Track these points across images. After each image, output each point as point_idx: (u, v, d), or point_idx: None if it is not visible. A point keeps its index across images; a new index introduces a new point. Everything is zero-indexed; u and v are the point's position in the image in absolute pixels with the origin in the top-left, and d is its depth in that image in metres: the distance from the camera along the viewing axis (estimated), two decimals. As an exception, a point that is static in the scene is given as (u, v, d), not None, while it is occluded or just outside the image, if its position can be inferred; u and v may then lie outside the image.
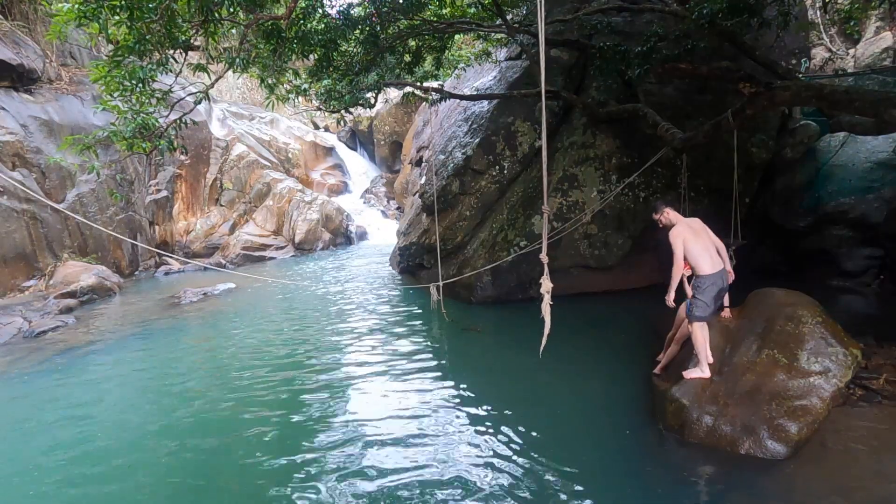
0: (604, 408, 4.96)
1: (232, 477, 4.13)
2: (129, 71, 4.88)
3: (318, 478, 3.97)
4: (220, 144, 16.29)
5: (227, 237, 15.26)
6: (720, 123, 5.42)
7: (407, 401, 5.25)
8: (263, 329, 8.17)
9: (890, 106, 3.87)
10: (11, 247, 10.15)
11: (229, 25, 5.55)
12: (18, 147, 10.49)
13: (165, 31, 4.73)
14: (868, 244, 7.83)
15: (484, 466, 4.03)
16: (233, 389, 5.78)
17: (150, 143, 5.38)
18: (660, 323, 5.72)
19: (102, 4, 4.34)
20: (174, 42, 4.99)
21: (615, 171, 8.18)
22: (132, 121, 5.15)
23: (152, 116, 5.27)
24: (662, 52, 6.62)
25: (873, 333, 5.19)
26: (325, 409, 5.21)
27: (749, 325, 4.59)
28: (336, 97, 7.78)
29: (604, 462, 4.08)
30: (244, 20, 5.39)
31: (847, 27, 12.52)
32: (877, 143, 8.07)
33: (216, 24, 5.04)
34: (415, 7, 7.04)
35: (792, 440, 3.77)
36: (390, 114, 20.41)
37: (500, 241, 8.36)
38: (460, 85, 11.41)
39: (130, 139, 5.20)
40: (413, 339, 7.17)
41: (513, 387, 5.57)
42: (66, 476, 4.25)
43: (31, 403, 5.74)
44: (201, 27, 4.98)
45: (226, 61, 5.62)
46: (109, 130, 5.22)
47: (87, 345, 7.67)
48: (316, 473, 4.03)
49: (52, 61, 12.37)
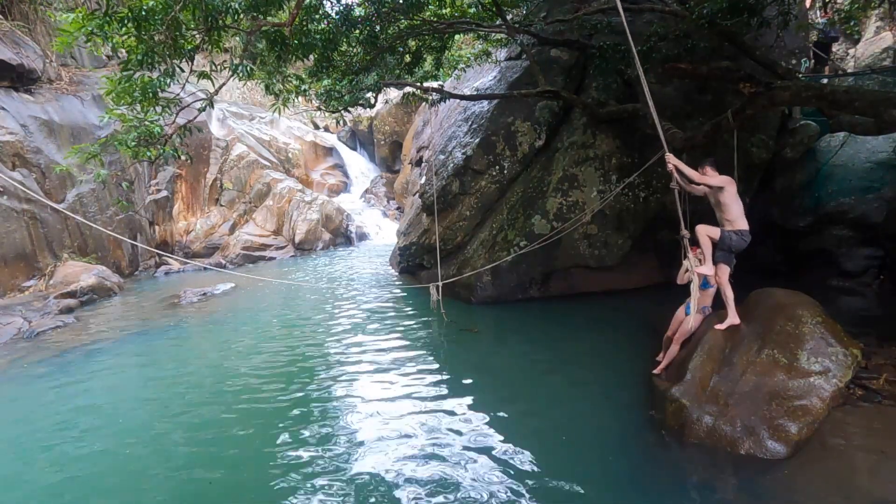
0: (604, 408, 4.95)
1: (232, 476, 4.12)
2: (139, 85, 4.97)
3: (318, 477, 3.97)
4: (220, 144, 16.30)
5: (227, 237, 15.25)
6: (720, 123, 5.42)
7: (406, 401, 5.24)
8: (263, 329, 8.17)
9: (890, 106, 3.87)
10: (11, 247, 10.15)
11: (233, 33, 5.58)
12: (18, 147, 10.50)
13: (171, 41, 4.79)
14: (868, 244, 7.83)
15: (483, 466, 4.03)
16: (233, 389, 5.78)
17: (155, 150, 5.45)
18: (660, 323, 5.71)
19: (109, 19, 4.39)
20: (180, 52, 5.04)
21: (615, 171, 8.18)
22: (136, 128, 5.22)
23: (157, 125, 5.35)
24: (662, 52, 6.62)
25: (873, 333, 5.20)
26: (325, 408, 5.20)
27: (749, 325, 4.60)
28: (336, 97, 7.78)
29: (603, 462, 4.07)
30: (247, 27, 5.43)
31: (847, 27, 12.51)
32: (877, 143, 8.06)
33: (220, 31, 5.09)
34: (415, 7, 7.04)
35: (792, 440, 3.77)
36: (390, 114, 20.40)
37: (500, 241, 8.35)
38: (460, 85, 11.41)
39: (135, 147, 5.27)
40: (413, 339, 7.16)
41: (512, 387, 5.57)
42: (66, 476, 4.25)
43: (30, 403, 5.74)
44: (206, 36, 5.02)
45: (230, 69, 5.69)
46: (114, 139, 5.30)
47: (86, 345, 7.67)
48: (315, 472, 4.03)
49: (52, 61, 12.38)
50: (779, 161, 8.64)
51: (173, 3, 4.56)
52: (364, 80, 7.56)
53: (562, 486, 3.76)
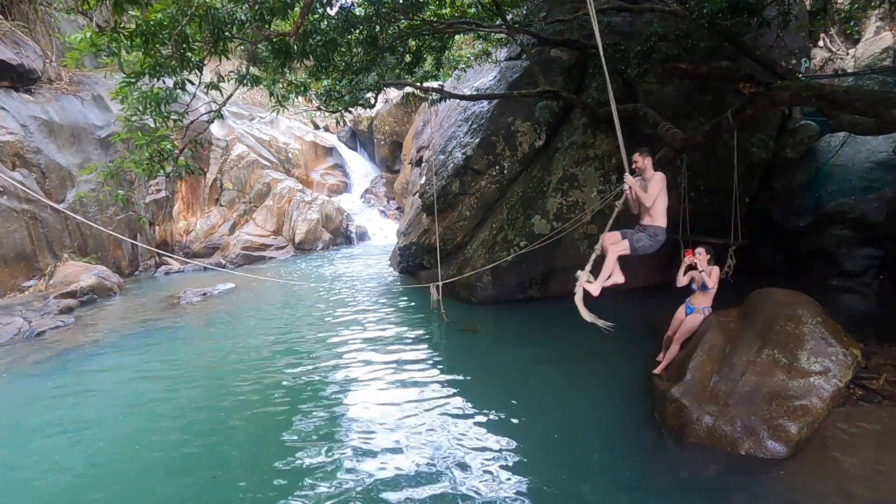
0: (603, 408, 4.96)
1: (231, 475, 4.12)
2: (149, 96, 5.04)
3: (318, 475, 3.97)
4: (220, 144, 16.29)
5: (227, 237, 15.25)
6: (720, 123, 5.41)
7: (405, 401, 5.24)
8: (263, 328, 8.17)
9: (890, 106, 3.87)
10: (11, 247, 10.14)
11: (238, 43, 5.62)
12: (18, 147, 10.49)
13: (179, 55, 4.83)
14: (868, 244, 7.83)
15: (482, 466, 4.03)
16: (232, 389, 5.77)
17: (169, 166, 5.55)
18: (660, 323, 5.72)
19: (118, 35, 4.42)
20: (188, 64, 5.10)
21: (615, 171, 8.18)
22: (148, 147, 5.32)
23: (169, 140, 5.43)
24: (662, 52, 6.62)
25: (873, 333, 5.19)
26: (324, 408, 5.20)
27: (749, 325, 4.59)
28: (336, 97, 7.78)
29: (603, 462, 4.07)
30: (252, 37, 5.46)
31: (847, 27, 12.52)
32: (877, 143, 8.07)
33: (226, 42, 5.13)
34: (415, 7, 7.04)
35: (792, 440, 3.77)
36: (390, 114, 20.40)
37: (500, 241, 8.35)
38: (460, 85, 11.41)
39: (148, 166, 5.35)
40: (412, 339, 7.16)
41: (512, 387, 5.57)
42: (65, 476, 4.25)
43: (30, 403, 5.74)
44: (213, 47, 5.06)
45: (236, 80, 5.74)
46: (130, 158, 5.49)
47: (86, 345, 7.67)
48: (314, 471, 4.03)
49: (52, 61, 12.36)
50: (779, 161, 8.65)
51: (181, 17, 4.59)
52: (364, 80, 7.56)
53: (561, 485, 3.76)
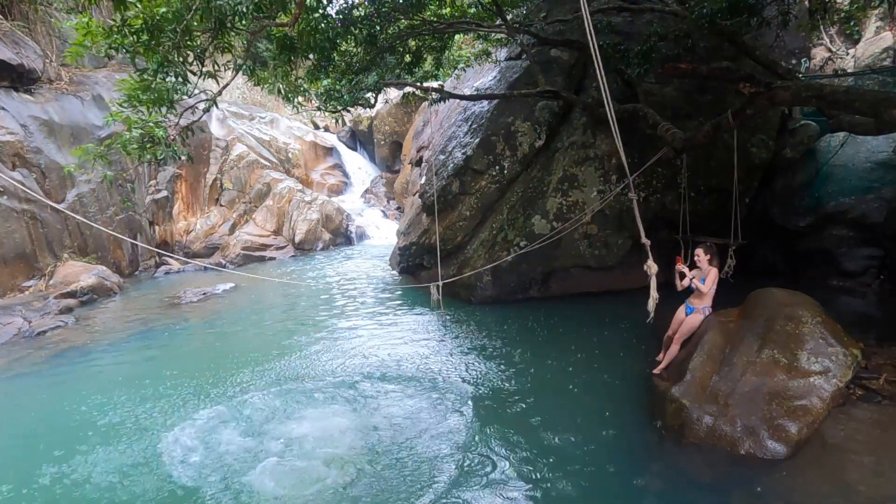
0: (603, 407, 4.95)
1: (233, 474, 4.12)
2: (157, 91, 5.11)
3: (317, 473, 3.97)
4: (220, 144, 16.29)
5: (227, 237, 15.24)
6: (720, 123, 5.41)
7: (405, 401, 5.25)
8: (263, 329, 8.17)
9: (890, 106, 3.86)
10: (11, 247, 10.14)
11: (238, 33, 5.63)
12: (18, 147, 10.49)
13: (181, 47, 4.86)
14: (868, 244, 7.82)
15: (482, 466, 4.03)
16: (232, 389, 5.78)
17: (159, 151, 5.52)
18: (660, 323, 5.71)
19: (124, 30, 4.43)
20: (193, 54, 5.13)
21: (615, 171, 8.18)
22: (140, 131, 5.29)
23: (161, 126, 5.40)
24: (662, 52, 6.62)
25: (873, 333, 5.19)
26: (325, 407, 5.20)
27: (749, 325, 4.59)
28: (336, 97, 7.77)
29: (603, 462, 4.07)
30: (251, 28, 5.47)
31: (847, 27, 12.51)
32: (877, 143, 8.06)
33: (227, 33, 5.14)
34: (415, 7, 7.03)
35: (792, 440, 3.77)
36: (390, 114, 20.39)
37: (500, 241, 8.35)
38: (460, 85, 11.40)
39: (139, 149, 5.33)
40: (412, 339, 7.16)
41: (512, 387, 5.56)
42: (64, 476, 4.25)
43: (30, 404, 5.74)
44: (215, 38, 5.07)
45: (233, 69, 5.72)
46: (118, 141, 5.35)
47: (86, 345, 7.67)
48: (314, 469, 4.03)
49: (52, 61, 12.36)
50: (779, 161, 8.64)
51: (185, 12, 4.60)
52: (364, 79, 7.55)
53: (561, 485, 3.76)
